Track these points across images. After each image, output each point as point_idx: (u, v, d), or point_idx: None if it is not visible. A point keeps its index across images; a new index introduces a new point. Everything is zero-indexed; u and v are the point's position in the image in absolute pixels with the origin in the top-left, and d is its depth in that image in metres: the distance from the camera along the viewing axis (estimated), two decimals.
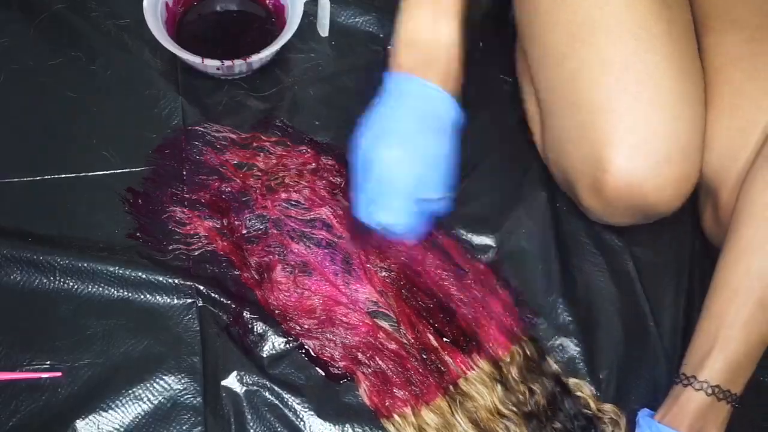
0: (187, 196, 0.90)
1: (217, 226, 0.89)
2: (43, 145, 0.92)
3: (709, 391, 0.75)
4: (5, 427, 0.77)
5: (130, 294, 0.84)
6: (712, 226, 0.89)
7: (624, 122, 0.81)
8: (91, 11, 0.99)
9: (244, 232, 0.89)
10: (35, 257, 0.84)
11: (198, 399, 0.80)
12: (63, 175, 0.90)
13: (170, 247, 0.87)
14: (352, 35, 1.03)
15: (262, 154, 0.93)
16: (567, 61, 0.84)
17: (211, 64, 0.92)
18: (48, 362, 0.80)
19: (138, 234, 0.87)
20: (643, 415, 0.79)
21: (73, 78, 0.96)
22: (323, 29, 1.01)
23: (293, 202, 0.91)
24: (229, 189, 0.91)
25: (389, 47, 0.81)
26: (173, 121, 0.94)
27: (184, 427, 0.79)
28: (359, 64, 1.01)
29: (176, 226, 0.88)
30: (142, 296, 0.84)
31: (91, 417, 0.78)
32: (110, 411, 0.79)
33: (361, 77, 1.00)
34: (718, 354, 0.76)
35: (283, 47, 0.95)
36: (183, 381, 0.81)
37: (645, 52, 0.82)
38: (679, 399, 0.76)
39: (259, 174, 0.92)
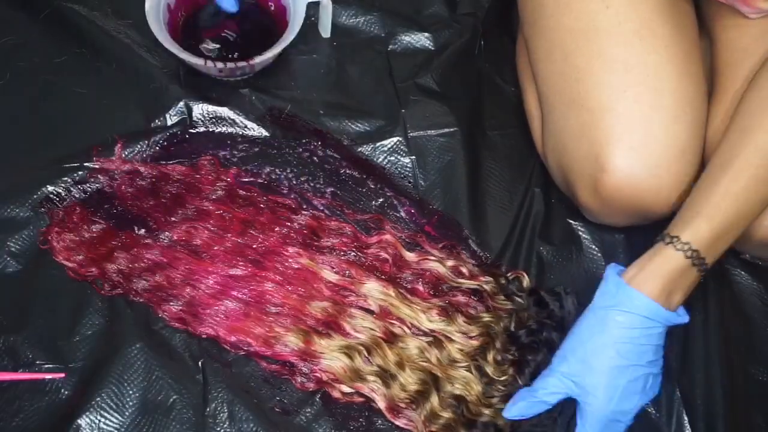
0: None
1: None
2: (51, 141, 0.92)
3: (689, 253, 0.75)
4: (8, 428, 0.78)
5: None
6: None
7: (624, 122, 0.81)
8: (94, 9, 1.00)
9: None
10: (38, 254, 0.85)
11: (198, 399, 0.81)
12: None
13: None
14: (353, 36, 1.04)
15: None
16: (570, 59, 0.85)
17: (213, 66, 0.92)
18: (51, 363, 0.81)
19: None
20: (612, 271, 0.78)
21: (79, 74, 0.97)
22: (325, 30, 1.01)
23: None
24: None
25: None
26: (178, 116, 0.95)
27: (185, 427, 0.80)
28: (361, 65, 1.02)
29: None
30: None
31: (93, 417, 0.79)
32: (112, 411, 0.79)
33: (364, 77, 1.01)
34: (705, 219, 0.75)
35: (285, 48, 0.95)
36: (184, 382, 0.81)
37: (648, 53, 0.82)
38: (656, 257, 0.75)
39: None
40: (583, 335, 0.76)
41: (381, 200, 0.93)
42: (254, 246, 0.87)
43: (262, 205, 0.90)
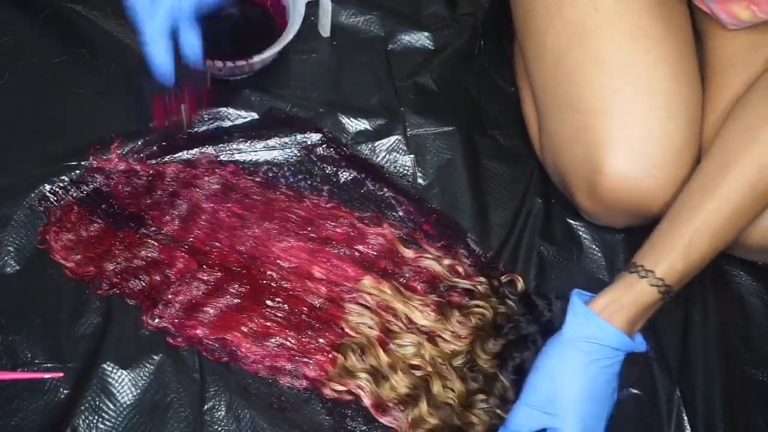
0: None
1: None
2: (49, 140, 0.92)
3: (662, 289, 0.75)
4: (6, 427, 0.78)
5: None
6: None
7: (618, 124, 0.81)
8: (94, 9, 1.00)
9: None
10: (36, 253, 0.85)
11: (196, 397, 0.81)
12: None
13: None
14: (353, 35, 1.04)
15: None
16: (563, 62, 0.85)
17: (212, 65, 0.92)
18: (50, 362, 0.81)
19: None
20: (578, 299, 0.77)
21: (78, 74, 0.97)
22: (324, 30, 1.02)
23: None
24: None
25: None
26: (177, 115, 0.94)
27: (182, 425, 0.80)
28: (361, 64, 1.02)
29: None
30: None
31: (91, 416, 0.79)
32: (110, 411, 0.79)
33: (363, 77, 1.01)
34: (680, 255, 0.75)
35: (285, 48, 0.95)
36: (182, 380, 0.81)
37: (640, 53, 0.82)
38: (630, 291, 0.75)
39: None
40: (552, 366, 0.75)
41: (380, 199, 0.93)
42: (251, 243, 0.87)
43: (260, 204, 0.90)
